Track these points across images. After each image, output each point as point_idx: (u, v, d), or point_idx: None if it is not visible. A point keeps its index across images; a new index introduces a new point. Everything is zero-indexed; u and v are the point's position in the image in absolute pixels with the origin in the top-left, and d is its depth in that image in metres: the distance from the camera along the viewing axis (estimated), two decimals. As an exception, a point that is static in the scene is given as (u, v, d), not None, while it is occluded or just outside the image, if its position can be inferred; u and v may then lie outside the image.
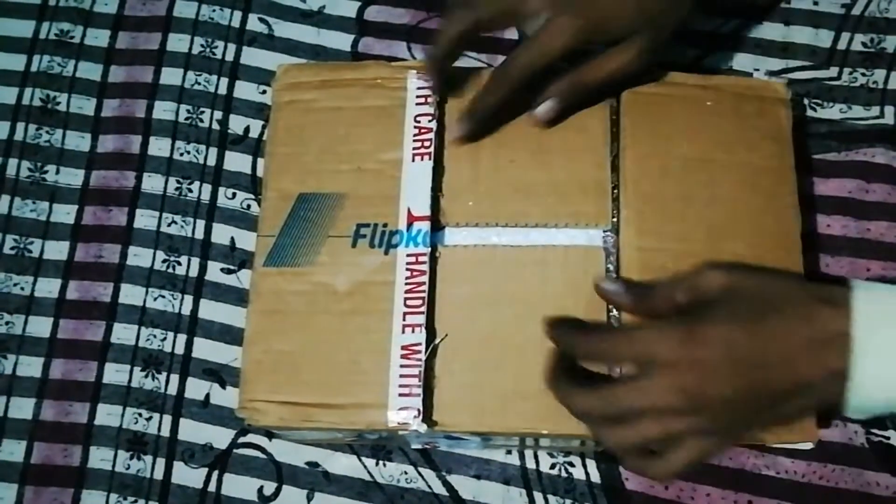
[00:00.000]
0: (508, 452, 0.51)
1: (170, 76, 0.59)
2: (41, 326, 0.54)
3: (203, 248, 0.55)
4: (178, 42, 0.60)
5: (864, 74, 0.56)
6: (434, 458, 0.51)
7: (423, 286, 0.43)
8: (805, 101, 0.56)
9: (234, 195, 0.56)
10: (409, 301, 0.43)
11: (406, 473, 0.51)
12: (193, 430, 0.52)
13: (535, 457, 0.51)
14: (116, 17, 0.61)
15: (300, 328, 0.44)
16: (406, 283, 0.43)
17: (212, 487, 0.51)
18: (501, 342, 0.41)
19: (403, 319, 0.42)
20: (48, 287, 0.55)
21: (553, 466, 0.51)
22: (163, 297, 0.55)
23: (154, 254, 0.55)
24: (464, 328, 0.42)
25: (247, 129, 0.58)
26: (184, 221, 0.56)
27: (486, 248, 0.43)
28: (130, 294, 0.55)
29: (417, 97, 0.46)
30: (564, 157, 0.44)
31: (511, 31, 0.58)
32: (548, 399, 0.39)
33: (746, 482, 0.49)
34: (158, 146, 0.58)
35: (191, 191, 0.57)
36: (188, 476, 0.52)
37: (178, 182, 0.57)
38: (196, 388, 0.53)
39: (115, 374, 0.53)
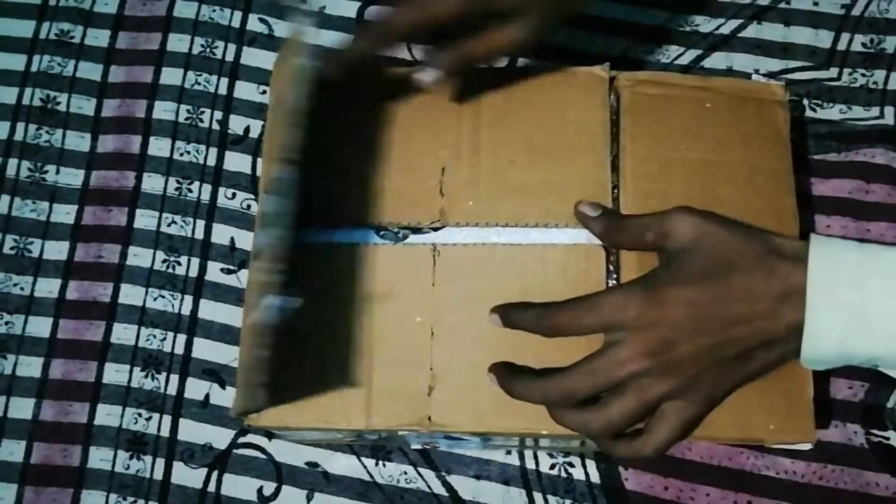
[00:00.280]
0: (508, 453, 0.51)
1: (170, 76, 0.59)
2: (41, 326, 0.54)
3: (203, 249, 0.55)
4: (179, 42, 0.60)
5: (864, 75, 0.56)
6: (434, 459, 0.51)
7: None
8: (805, 102, 0.56)
9: (234, 195, 0.56)
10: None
11: (406, 474, 0.51)
12: (193, 431, 0.52)
13: (535, 457, 0.51)
14: (116, 17, 0.61)
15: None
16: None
17: (211, 487, 0.51)
18: (501, 341, 0.41)
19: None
20: (48, 287, 0.55)
21: (553, 467, 0.51)
22: (163, 298, 0.55)
23: (154, 254, 0.55)
24: (464, 328, 0.42)
25: (247, 130, 0.58)
26: (184, 221, 0.56)
27: (486, 248, 0.43)
28: (130, 294, 0.55)
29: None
30: (564, 157, 0.44)
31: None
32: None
33: (746, 482, 0.49)
34: (158, 146, 0.58)
35: (191, 191, 0.57)
36: (188, 476, 0.52)
37: (178, 182, 0.57)
38: (196, 389, 0.53)
39: (115, 375, 0.53)
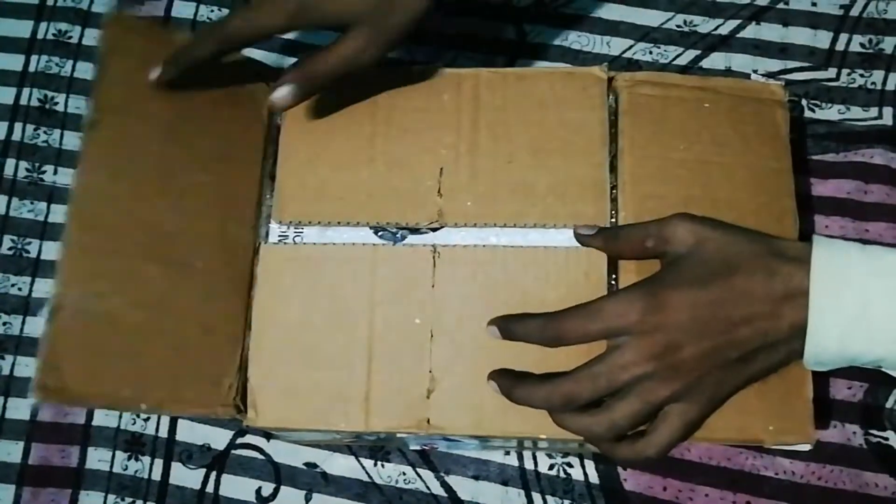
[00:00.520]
0: (507, 453, 0.51)
1: (168, 76, 0.59)
2: (39, 327, 0.54)
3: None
4: (177, 42, 0.60)
5: (863, 75, 0.56)
6: (432, 459, 0.51)
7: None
8: (803, 102, 0.56)
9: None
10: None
11: (404, 474, 0.51)
12: (191, 431, 0.52)
13: (534, 457, 0.51)
14: (115, 18, 0.61)
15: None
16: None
17: (210, 488, 0.51)
18: (501, 343, 0.41)
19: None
20: (46, 287, 0.55)
21: (551, 467, 0.51)
22: (161, 298, 0.55)
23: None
24: (463, 330, 0.42)
25: (245, 130, 0.58)
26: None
27: (485, 249, 0.43)
28: (128, 294, 0.55)
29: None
30: (563, 158, 0.44)
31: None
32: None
33: (745, 483, 0.49)
34: (157, 146, 0.58)
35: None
36: (186, 477, 0.51)
37: (177, 182, 0.57)
38: (194, 389, 0.53)
39: (113, 375, 0.53)
